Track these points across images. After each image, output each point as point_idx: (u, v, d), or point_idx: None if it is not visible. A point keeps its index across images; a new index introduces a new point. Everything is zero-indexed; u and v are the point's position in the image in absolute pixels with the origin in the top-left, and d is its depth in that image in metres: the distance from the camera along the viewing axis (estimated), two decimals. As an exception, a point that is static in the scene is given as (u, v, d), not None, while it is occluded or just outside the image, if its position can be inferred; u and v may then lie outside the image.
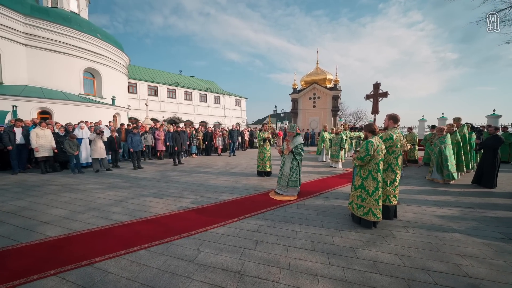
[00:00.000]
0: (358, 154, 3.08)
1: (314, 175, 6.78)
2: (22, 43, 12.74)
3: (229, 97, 33.93)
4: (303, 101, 20.36)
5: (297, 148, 4.36)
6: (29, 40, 12.97)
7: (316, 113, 19.80)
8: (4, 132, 5.83)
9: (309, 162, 9.33)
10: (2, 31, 11.75)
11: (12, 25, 12.18)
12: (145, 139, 9.03)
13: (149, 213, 3.60)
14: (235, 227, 3.17)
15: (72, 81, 14.71)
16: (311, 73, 20.53)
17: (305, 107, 20.29)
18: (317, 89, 19.48)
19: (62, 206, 3.85)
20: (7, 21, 11.93)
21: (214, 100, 32.07)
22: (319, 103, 19.56)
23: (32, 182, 5.36)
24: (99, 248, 2.54)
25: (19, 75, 12.58)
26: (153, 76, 27.45)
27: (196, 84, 32.12)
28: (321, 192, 4.87)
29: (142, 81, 24.48)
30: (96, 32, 15.96)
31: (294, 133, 4.59)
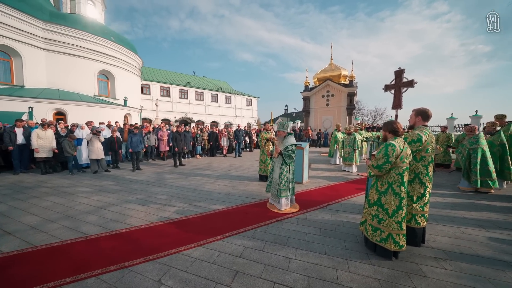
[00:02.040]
0: (374, 161, 2.34)
1: (323, 180, 5.99)
2: (41, 48, 13.37)
3: (240, 97, 33.60)
4: (315, 99, 19.28)
5: (287, 150, 3.64)
6: (48, 45, 13.59)
7: (329, 111, 18.63)
8: (5, 132, 5.85)
9: (320, 165, 8.49)
10: (23, 37, 12.39)
11: (33, 31, 12.81)
12: (148, 139, 8.84)
13: (124, 225, 3.16)
14: (216, 248, 2.59)
15: (88, 83, 15.22)
16: (325, 69, 19.38)
17: (317, 105, 19.20)
18: (331, 86, 18.30)
19: (39, 212, 3.56)
20: (28, 27, 12.55)
21: (225, 100, 31.94)
22: (333, 101, 18.37)
23: (27, 183, 5.27)
24: (43, 273, 2.10)
25: (38, 78, 13.21)
26: (166, 77, 27.98)
27: (207, 84, 32.25)
28: (329, 203, 4.12)
29: (155, 82, 25.00)
30: (110, 35, 16.40)
31: (286, 132, 3.89)
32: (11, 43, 11.88)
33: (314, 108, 19.40)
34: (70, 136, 6.16)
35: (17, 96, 10.91)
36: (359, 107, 38.23)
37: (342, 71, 18.43)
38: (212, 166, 8.19)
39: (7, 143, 5.84)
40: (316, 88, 18.90)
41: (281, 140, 3.85)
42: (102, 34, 15.69)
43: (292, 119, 41.18)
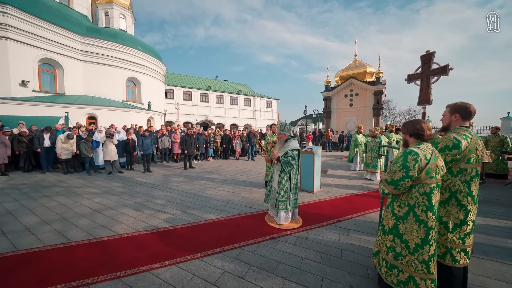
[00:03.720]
0: (388, 174, 1.74)
1: (338, 189, 5.26)
2: (79, 59, 14.94)
3: (260, 99, 33.43)
4: (337, 99, 18.00)
5: (286, 156, 3.12)
6: (85, 56, 15.14)
7: (353, 112, 17.18)
8: (35, 136, 6.47)
9: (338, 171, 7.66)
10: (65, 50, 13.99)
11: (73, 44, 14.39)
12: (162, 142, 9.05)
13: (109, 232, 3.02)
14: (190, 269, 2.23)
15: (118, 89, 16.54)
16: (348, 67, 18.01)
17: (339, 105, 17.88)
18: (355, 85, 16.88)
19: (41, 212, 3.66)
20: (69, 41, 14.14)
21: (245, 103, 32.09)
22: (357, 101, 16.90)
23: (47, 182, 5.66)
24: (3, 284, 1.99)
25: (76, 86, 14.74)
26: (188, 82, 29.24)
27: (227, 87, 32.81)
28: (340, 219, 3.47)
29: (178, 87, 26.26)
30: (137, 44, 17.66)
31: (287, 136, 3.37)
32: (55, 57, 13.47)
33: (335, 108, 18.13)
34: (86, 139, 6.53)
35: (57, 103, 12.26)
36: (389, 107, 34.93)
37: (367, 68, 16.89)
38: (222, 169, 7.97)
39: (36, 146, 6.44)
40: (338, 87, 17.65)
41: (282, 144, 3.36)
42: (130, 44, 16.97)
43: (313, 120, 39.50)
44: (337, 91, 17.81)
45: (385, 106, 33.93)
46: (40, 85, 12.96)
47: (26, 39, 11.88)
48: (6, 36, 11.03)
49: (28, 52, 12.09)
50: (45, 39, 12.78)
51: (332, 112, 18.34)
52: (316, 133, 17.04)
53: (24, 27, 11.71)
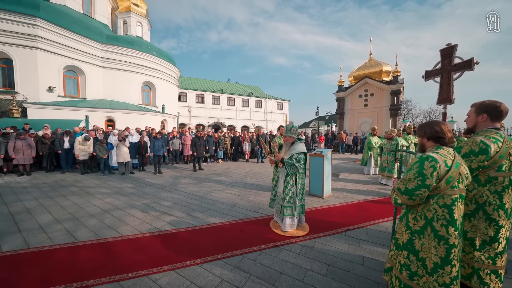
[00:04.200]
0: (401, 182, 1.55)
1: (351, 194, 4.97)
2: (100, 66, 15.86)
3: (271, 101, 33.28)
4: (351, 100, 17.35)
5: (290, 158, 2.96)
6: (104, 63, 16.05)
7: (368, 113, 16.44)
8: (56, 139, 6.89)
9: (351, 175, 7.29)
10: (87, 58, 14.92)
11: (94, 52, 15.33)
12: (172, 144, 9.24)
13: (115, 233, 3.06)
14: (189, 276, 2.17)
15: (134, 93, 17.31)
16: (362, 66, 17.33)
17: (353, 106, 17.21)
18: (370, 84, 16.17)
19: (55, 211, 3.83)
20: (91, 49, 15.07)
21: (256, 105, 32.10)
22: (372, 101, 16.15)
23: (65, 182, 5.97)
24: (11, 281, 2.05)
25: (97, 91, 15.65)
26: (201, 85, 29.88)
27: (239, 90, 33.07)
28: (350, 227, 3.24)
29: (191, 90, 26.93)
30: (152, 50, 18.41)
31: (294, 138, 3.20)
32: (79, 64, 14.41)
33: (349, 109, 17.48)
34: (100, 141, 6.83)
35: (79, 107, 13.08)
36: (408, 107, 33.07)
37: (383, 67, 16.13)
38: (230, 171, 7.94)
39: (57, 148, 6.86)
40: (352, 88, 17.01)
41: (288, 147, 3.21)
42: (146, 50, 17.72)
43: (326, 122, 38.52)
44: (351, 92, 17.18)
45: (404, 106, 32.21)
46: (65, 91, 13.91)
47: (53, 48, 12.83)
48: (36, 46, 11.99)
49: (55, 60, 13.04)
50: (70, 48, 13.72)
51: (345, 113, 17.71)
52: (329, 135, 16.50)
53: (51, 38, 12.66)
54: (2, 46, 11.32)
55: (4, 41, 11.31)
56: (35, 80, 12.08)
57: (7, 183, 5.72)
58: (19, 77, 11.71)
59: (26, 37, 11.69)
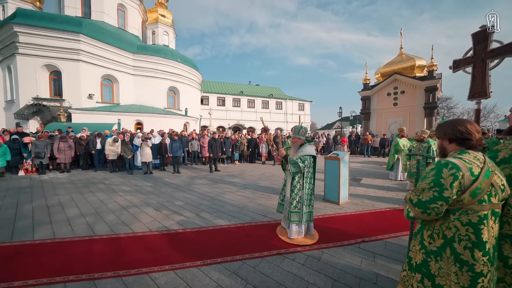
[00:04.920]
0: (413, 193, 1.31)
1: (371, 202, 4.53)
2: (131, 74, 17.39)
3: (292, 102, 32.71)
4: (378, 99, 16.07)
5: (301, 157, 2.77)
6: (135, 71, 17.55)
7: (398, 112, 15.03)
8: (90, 141, 7.70)
9: (374, 180, 6.70)
10: (120, 67, 16.49)
11: (126, 61, 16.88)
12: (191, 145, 9.60)
13: (128, 229, 3.24)
14: (186, 277, 2.16)
15: (160, 98, 18.57)
16: (391, 61, 15.96)
17: (381, 105, 15.91)
18: (400, 81, 14.78)
19: (82, 206, 4.23)
20: (124, 59, 16.62)
21: (276, 106, 31.88)
22: (403, 100, 14.73)
23: (96, 179, 6.60)
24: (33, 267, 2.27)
25: (128, 97, 17.16)
26: (221, 88, 30.77)
27: (259, 91, 33.21)
28: (366, 239, 2.92)
29: (213, 94, 27.90)
30: (177, 57, 19.57)
31: (302, 140, 2.99)
32: (113, 73, 16.00)
33: (376, 109, 16.21)
34: (125, 142, 7.41)
35: (113, 111, 14.47)
36: (448, 105, 29.43)
37: (416, 61, 14.63)
38: (245, 173, 7.92)
39: (90, 148, 7.65)
40: (379, 85, 15.76)
41: (296, 149, 3.04)
42: (171, 57, 18.90)
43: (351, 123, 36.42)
44: (378, 90, 15.93)
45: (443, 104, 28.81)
46: (102, 97, 15.53)
47: (93, 60, 14.46)
48: (79, 59, 13.64)
49: (94, 70, 14.67)
50: (107, 59, 15.31)
51: (371, 113, 16.47)
52: (352, 136, 15.49)
53: (92, 50, 14.28)
54: (54, 60, 13.13)
55: (55, 56, 13.12)
56: (78, 88, 13.73)
57: (50, 179, 6.55)
58: (66, 86, 13.44)
59: (71, 51, 13.38)
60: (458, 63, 3.27)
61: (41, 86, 13.06)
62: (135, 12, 20.64)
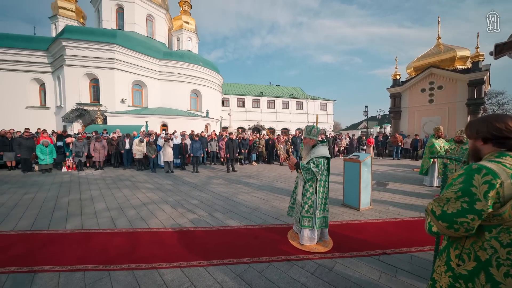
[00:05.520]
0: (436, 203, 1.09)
1: (397, 209, 4.09)
2: (158, 79, 18.64)
3: (313, 102, 31.70)
4: (410, 95, 14.63)
5: (309, 162, 2.60)
6: (161, 76, 18.76)
7: (435, 110, 13.48)
8: (120, 141, 8.41)
9: (402, 185, 6.08)
10: (149, 73, 17.78)
11: (154, 67, 18.14)
12: (210, 146, 9.87)
13: (144, 224, 3.42)
14: (192, 276, 2.17)
15: (184, 101, 19.54)
16: (427, 54, 14.40)
17: (414, 103, 14.44)
18: (437, 75, 13.24)
19: (109, 200, 4.61)
20: (152, 65, 17.89)
21: (297, 106, 31.22)
22: (441, 96, 13.15)
23: (123, 176, 7.17)
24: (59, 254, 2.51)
25: (155, 100, 18.41)
26: (242, 90, 31.20)
27: (279, 92, 32.89)
28: (388, 251, 2.62)
29: (233, 95, 28.46)
30: (199, 61, 20.40)
31: (315, 141, 2.79)
32: (143, 78, 17.31)
33: (408, 107, 14.78)
34: (149, 143, 7.91)
35: (142, 114, 15.65)
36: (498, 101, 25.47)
37: (457, 52, 12.97)
38: (261, 174, 7.85)
39: (120, 148, 8.36)
40: (412, 81, 14.34)
41: (308, 150, 2.87)
42: (194, 61, 19.77)
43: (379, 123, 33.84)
44: (410, 86, 14.51)
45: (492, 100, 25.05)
46: (133, 101, 16.91)
47: (125, 67, 15.84)
48: (113, 67, 15.06)
49: (126, 77, 16.05)
50: (137, 66, 16.64)
51: (402, 112, 15.07)
52: (380, 137, 14.33)
53: (124, 59, 15.66)
54: (93, 69, 14.73)
55: (94, 65, 14.70)
56: (113, 93, 15.17)
57: (86, 175, 7.31)
58: (103, 92, 14.95)
59: (108, 60, 14.85)
60: (502, 47, 2.72)
61: (82, 93, 14.74)
62: (162, 21, 22.12)
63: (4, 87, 15.67)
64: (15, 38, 15.82)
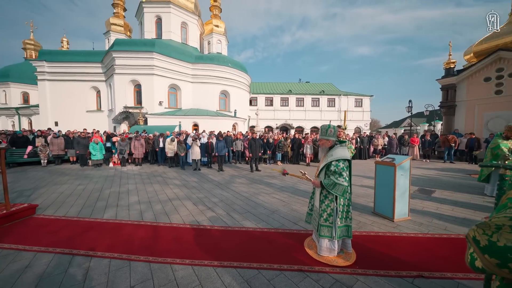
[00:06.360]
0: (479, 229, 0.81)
1: (446, 223, 3.43)
2: (190, 82, 19.90)
3: (347, 98, 29.48)
4: (469, 86, 12.24)
5: (329, 170, 2.32)
6: (193, 79, 19.95)
7: (503, 104, 10.97)
8: (155, 140, 9.22)
9: (454, 194, 5.12)
10: (182, 76, 19.11)
11: (187, 71, 19.42)
12: (235, 145, 10.05)
13: (167, 219, 3.63)
14: (201, 275, 2.18)
15: (213, 102, 20.42)
16: (493, 35, 11.82)
17: (474, 95, 12.04)
18: (508, 60, 10.74)
19: (141, 194, 5.07)
20: (185, 69, 19.18)
21: (328, 103, 29.50)
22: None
23: (156, 173, 7.84)
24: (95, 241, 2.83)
25: (188, 102, 19.69)
26: (269, 88, 31.00)
27: (308, 89, 31.63)
28: (425, 273, 2.18)
29: (261, 94, 28.50)
30: (228, 62, 21.01)
31: (332, 142, 2.48)
32: (177, 82, 18.70)
33: (465, 100, 12.42)
34: (179, 142, 8.45)
35: (176, 115, 16.94)
36: None
37: (539, 29, 10.28)
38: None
39: (155, 146, 9.18)
40: (472, 68, 11.98)
41: (325, 152, 2.60)
42: (223, 62, 20.45)
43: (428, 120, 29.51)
44: (469, 74, 12.15)
45: None
46: (169, 103, 18.42)
47: (162, 72, 17.34)
48: (153, 73, 16.65)
49: (163, 81, 17.56)
50: (173, 71, 18.05)
51: (457, 106, 12.75)
52: (427, 136, 12.40)
53: (162, 65, 17.16)
54: (136, 76, 16.56)
55: (137, 72, 16.52)
56: (152, 97, 16.80)
57: (127, 170, 8.24)
58: (144, 96, 16.69)
59: (148, 67, 16.50)
60: None
61: (128, 97, 16.73)
62: (194, 27, 23.51)
63: (70, 95, 18.93)
64: (78, 53, 18.93)
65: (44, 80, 19.01)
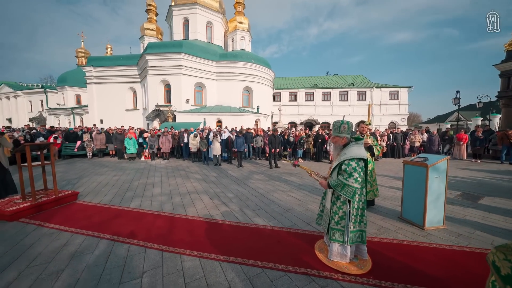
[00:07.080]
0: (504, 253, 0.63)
1: (490, 235, 2.90)
2: (215, 79, 20.50)
3: (380, 90, 27.01)
4: (540, 72, 9.99)
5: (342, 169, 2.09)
6: (218, 76, 20.50)
7: None
8: (180, 136, 9.77)
9: (508, 201, 4.29)
10: (208, 74, 19.79)
11: (211, 69, 20.03)
12: (256, 141, 10.06)
13: (183, 211, 3.83)
14: (206, 268, 2.25)
15: (236, 98, 20.73)
16: None
17: (547, 83, 9.80)
18: None
19: (164, 187, 5.45)
20: (210, 68, 19.82)
21: (358, 97, 27.45)
22: None
23: (180, 167, 8.33)
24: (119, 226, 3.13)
25: (213, 99, 20.36)
26: (294, 83, 30.12)
27: (336, 82, 29.82)
28: (457, 293, 1.87)
29: (284, 90, 27.91)
30: (251, 58, 21.01)
31: (346, 139, 2.23)
32: (203, 80, 19.45)
33: (534, 89, 10.20)
34: (201, 137, 8.80)
35: (201, 112, 17.70)
36: None
37: None
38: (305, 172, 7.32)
39: (180, 142, 9.75)
40: (543, 50, 9.74)
41: (338, 151, 2.39)
42: (246, 59, 20.52)
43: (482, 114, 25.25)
44: (539, 57, 9.91)
45: None
46: (195, 101, 19.31)
47: (189, 71, 18.21)
48: (180, 73, 17.60)
49: (190, 80, 18.45)
50: (198, 69, 18.81)
51: (522, 96, 10.56)
52: (478, 132, 10.58)
53: (188, 64, 18.01)
54: (166, 76, 17.72)
55: (167, 73, 17.65)
56: (179, 95, 17.82)
57: (156, 164, 8.96)
58: (173, 95, 17.81)
59: (176, 67, 17.49)
60: None
61: (159, 96, 18.05)
62: (219, 26, 24.02)
63: (111, 95, 21.28)
64: (117, 58, 21.09)
65: (92, 83, 21.73)
